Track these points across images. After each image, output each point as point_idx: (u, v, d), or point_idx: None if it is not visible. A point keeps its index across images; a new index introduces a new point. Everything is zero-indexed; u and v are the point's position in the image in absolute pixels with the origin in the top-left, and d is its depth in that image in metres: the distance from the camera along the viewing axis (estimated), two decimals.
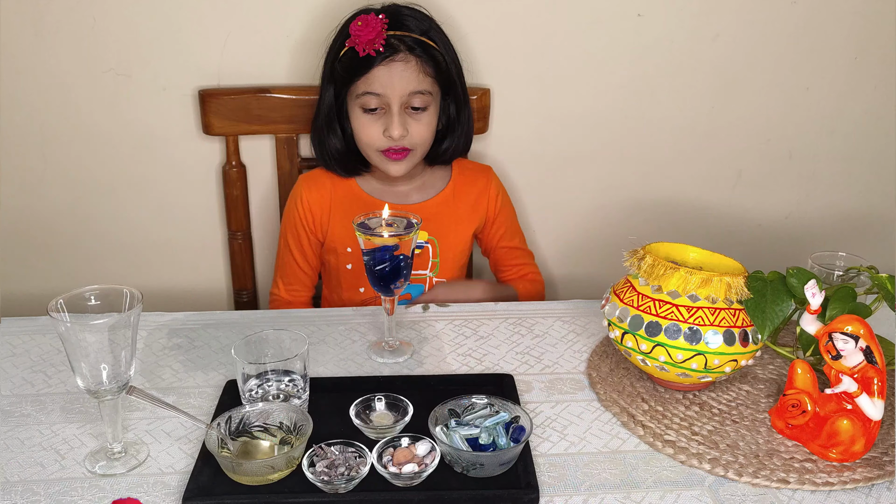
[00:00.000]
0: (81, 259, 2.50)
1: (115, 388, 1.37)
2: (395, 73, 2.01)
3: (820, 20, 2.43)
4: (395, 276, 1.68)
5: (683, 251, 1.68)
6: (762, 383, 1.66)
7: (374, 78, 2.01)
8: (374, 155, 2.11)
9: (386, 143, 2.06)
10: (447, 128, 2.19)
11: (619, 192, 2.59)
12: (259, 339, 1.55)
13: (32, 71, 2.28)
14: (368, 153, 2.12)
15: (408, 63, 2.01)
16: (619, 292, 1.62)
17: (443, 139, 2.19)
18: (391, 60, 2.00)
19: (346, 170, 2.19)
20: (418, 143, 2.09)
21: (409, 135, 2.06)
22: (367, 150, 2.11)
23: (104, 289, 1.37)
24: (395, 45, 2.00)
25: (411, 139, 2.07)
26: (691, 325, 1.50)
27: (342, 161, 2.17)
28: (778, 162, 2.60)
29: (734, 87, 2.49)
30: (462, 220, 2.25)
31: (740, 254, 1.75)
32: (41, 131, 2.35)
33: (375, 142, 2.07)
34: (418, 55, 2.02)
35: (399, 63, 2.01)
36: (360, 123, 2.08)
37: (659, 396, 1.61)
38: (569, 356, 1.77)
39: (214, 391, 1.63)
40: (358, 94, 2.05)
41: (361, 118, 2.07)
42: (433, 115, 2.11)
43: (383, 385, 1.60)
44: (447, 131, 2.19)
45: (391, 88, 2.01)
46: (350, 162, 2.18)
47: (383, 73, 2.01)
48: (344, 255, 2.20)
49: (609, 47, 2.40)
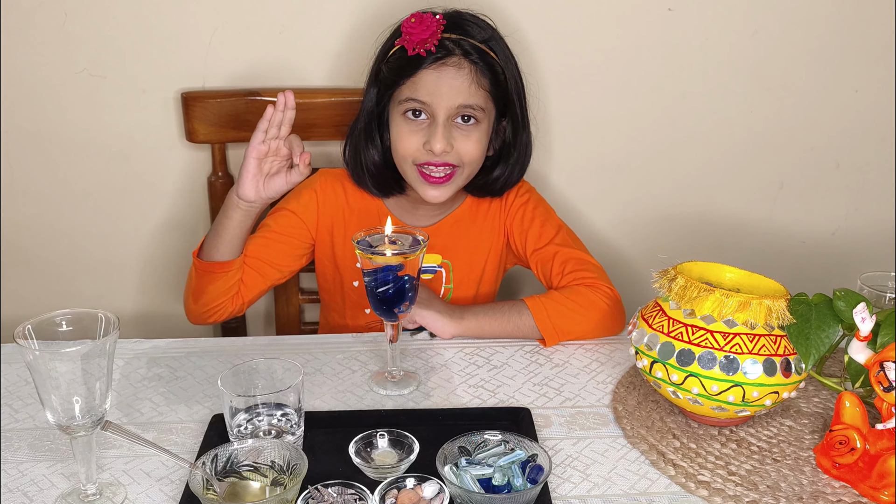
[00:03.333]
0: (51, 280, 2.51)
1: (89, 424, 1.37)
2: (445, 80, 1.96)
3: (869, 14, 2.43)
4: (399, 300, 1.69)
5: (719, 271, 1.69)
6: (806, 418, 1.66)
7: (422, 82, 1.97)
8: (411, 171, 2.03)
9: (425, 155, 1.99)
10: (500, 153, 2.13)
11: (647, 205, 2.59)
12: (249, 369, 1.56)
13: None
14: (404, 167, 2.05)
15: (461, 70, 1.96)
16: (647, 317, 1.63)
17: (494, 167, 2.12)
18: (442, 64, 1.96)
19: (379, 187, 2.13)
20: (464, 161, 2.02)
21: (454, 150, 2.00)
22: (403, 163, 2.04)
23: (77, 313, 1.38)
24: (449, 48, 1.96)
25: (456, 155, 2.00)
26: (728, 354, 1.50)
27: (377, 177, 2.11)
28: (824, 172, 2.60)
29: (775, 88, 2.49)
30: (481, 242, 2.21)
31: (782, 274, 1.75)
32: (5, 137, 2.36)
33: (414, 153, 2.00)
34: (474, 62, 1.97)
35: (451, 69, 1.96)
36: (399, 130, 2.02)
37: (692, 432, 1.61)
38: (592, 388, 1.78)
39: (199, 427, 1.63)
40: (401, 99, 2.00)
41: (401, 125, 2.01)
42: (484, 134, 2.03)
43: (386, 420, 1.61)
44: (500, 157, 2.13)
45: (438, 97, 1.96)
46: (385, 179, 2.12)
47: (432, 77, 1.96)
48: (350, 272, 2.18)
49: (635, 45, 2.41)
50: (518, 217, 2.19)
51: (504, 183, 2.14)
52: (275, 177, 1.92)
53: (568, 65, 2.41)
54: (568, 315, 1.97)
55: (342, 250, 2.16)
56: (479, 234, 2.20)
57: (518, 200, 2.20)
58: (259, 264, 2.05)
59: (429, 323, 1.95)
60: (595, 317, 1.99)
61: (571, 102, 2.45)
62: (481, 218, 2.21)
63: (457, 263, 2.19)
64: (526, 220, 2.18)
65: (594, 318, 1.98)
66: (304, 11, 2.29)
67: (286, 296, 2.48)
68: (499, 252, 2.23)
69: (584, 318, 1.98)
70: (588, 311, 1.98)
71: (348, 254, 2.16)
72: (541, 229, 2.16)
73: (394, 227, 1.73)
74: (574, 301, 1.98)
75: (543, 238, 2.15)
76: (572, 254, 2.11)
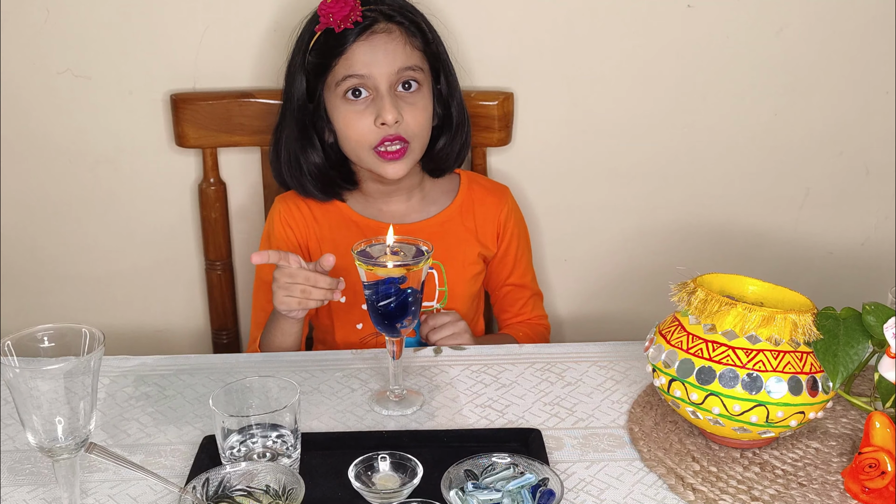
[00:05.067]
0: (32, 293, 2.52)
1: (73, 446, 1.37)
2: (379, 47, 2.01)
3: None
4: (402, 314, 1.69)
5: (741, 284, 1.69)
6: (834, 440, 1.66)
7: (355, 56, 2.01)
8: (368, 156, 2.07)
9: (379, 133, 2.03)
10: (442, 123, 2.18)
11: (665, 214, 2.59)
12: (242, 388, 1.56)
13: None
14: (360, 155, 2.09)
15: (390, 34, 2.02)
16: (665, 332, 1.63)
17: (439, 137, 2.18)
18: (371, 33, 2.01)
19: (324, 191, 2.17)
20: (415, 131, 2.07)
21: (404, 121, 2.04)
22: (359, 150, 2.08)
23: (59, 328, 1.38)
24: (371, 17, 2.01)
25: (407, 127, 2.05)
26: (750, 371, 1.50)
27: (321, 180, 2.15)
28: (853, 178, 2.60)
29: (801, 89, 2.49)
30: (470, 240, 2.25)
31: (808, 287, 1.75)
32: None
33: (367, 135, 2.04)
34: (399, 23, 2.03)
35: (381, 35, 2.01)
36: (345, 117, 2.06)
37: (712, 455, 1.61)
38: (606, 408, 1.78)
39: (189, 449, 1.64)
40: (338, 80, 2.04)
41: (346, 110, 2.05)
42: (427, 100, 2.10)
43: (388, 442, 1.61)
44: (442, 128, 2.18)
45: (376, 66, 2.01)
46: (330, 180, 2.15)
47: (364, 49, 2.01)
48: None
49: (653, 43, 2.42)
50: (511, 236, 2.31)
51: (454, 153, 2.21)
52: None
53: (580, 65, 2.41)
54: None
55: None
56: (468, 236, 2.25)
57: (509, 223, 2.31)
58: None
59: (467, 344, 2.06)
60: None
61: (584, 105, 2.45)
62: (470, 221, 2.25)
63: (449, 265, 2.22)
64: (511, 248, 2.32)
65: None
66: (301, 8, 2.29)
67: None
68: (485, 257, 2.30)
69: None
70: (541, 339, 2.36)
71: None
72: (526, 267, 2.38)
73: (396, 236, 1.73)
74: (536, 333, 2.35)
75: (524, 275, 2.37)
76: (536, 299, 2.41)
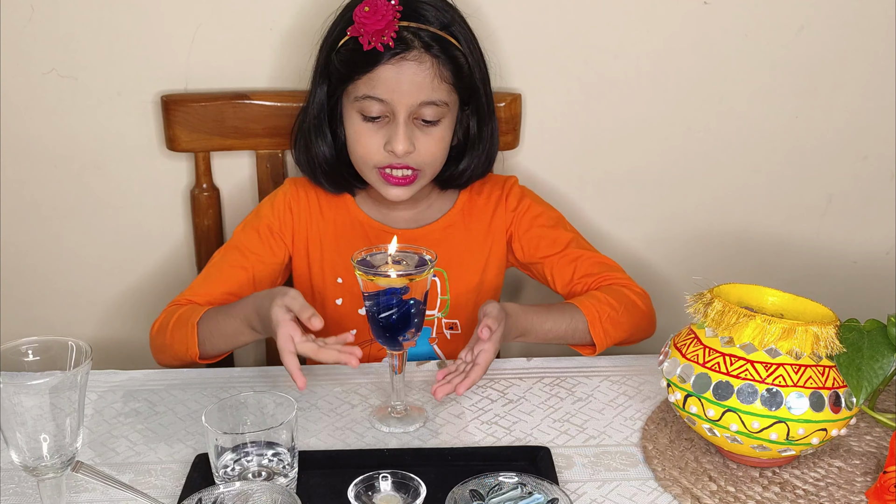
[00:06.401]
0: (16, 304, 2.52)
1: (59, 464, 1.38)
2: (406, 76, 1.98)
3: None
4: (405, 326, 1.69)
5: (760, 294, 1.69)
6: (857, 458, 1.67)
7: (379, 79, 1.98)
8: (371, 173, 2.07)
9: (386, 158, 2.03)
10: (465, 145, 2.16)
11: (680, 221, 2.60)
12: (236, 404, 1.56)
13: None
14: (363, 170, 2.09)
15: (421, 64, 1.98)
16: (680, 346, 1.63)
17: (459, 158, 2.16)
18: (402, 59, 1.98)
19: (334, 184, 2.17)
20: (427, 162, 2.06)
21: (417, 151, 2.03)
22: (363, 165, 2.08)
23: (44, 341, 1.39)
24: (407, 41, 1.98)
25: (418, 157, 2.04)
26: (770, 387, 1.51)
27: (331, 173, 2.15)
28: (877, 184, 2.60)
29: (823, 90, 2.49)
30: (476, 247, 2.22)
31: (830, 298, 1.76)
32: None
33: (373, 156, 2.04)
34: (435, 55, 2.00)
35: (411, 63, 1.98)
36: (356, 132, 2.05)
37: (730, 474, 1.62)
38: (619, 424, 1.78)
39: (181, 468, 1.64)
40: (357, 96, 2.02)
41: (358, 126, 2.04)
42: (447, 130, 2.08)
43: (389, 460, 1.62)
44: (465, 149, 2.16)
45: (399, 94, 1.98)
46: (340, 175, 2.15)
47: (391, 74, 1.98)
48: (333, 288, 2.19)
49: (668, 42, 2.42)
50: (525, 219, 2.23)
51: (470, 175, 2.18)
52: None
53: (591, 65, 2.42)
54: (616, 318, 2.02)
55: (319, 268, 2.19)
56: (474, 240, 2.22)
57: (522, 204, 2.23)
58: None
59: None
60: (636, 319, 2.07)
61: (595, 106, 2.45)
62: (475, 223, 2.23)
63: (452, 272, 2.20)
64: (535, 224, 2.22)
65: (635, 320, 2.07)
66: (297, 5, 2.29)
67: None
68: (498, 258, 2.25)
69: (628, 321, 2.05)
70: (630, 314, 2.06)
71: (326, 268, 2.18)
72: (554, 232, 2.21)
73: (399, 244, 1.73)
74: (618, 302, 2.04)
75: (560, 242, 2.20)
76: (595, 257, 2.20)
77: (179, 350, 1.96)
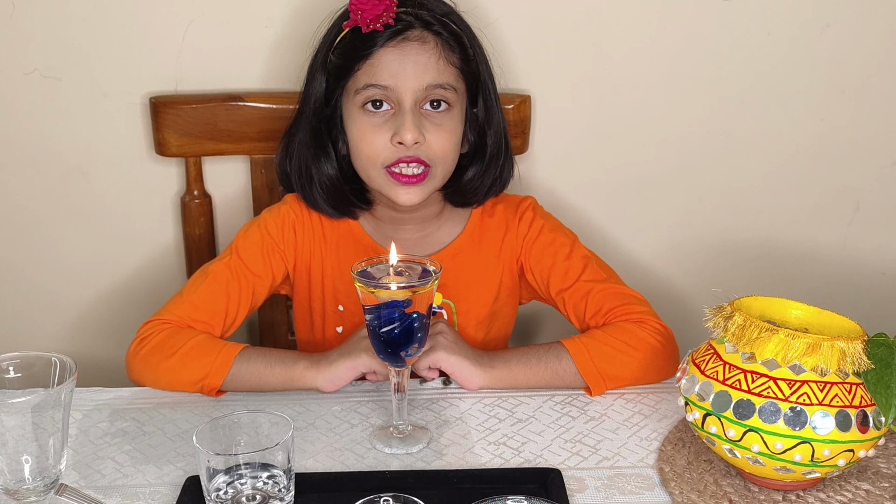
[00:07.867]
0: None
1: (41, 487, 1.38)
2: (409, 57, 1.95)
3: None
4: (407, 341, 1.69)
5: (783, 308, 1.69)
6: (886, 480, 1.67)
7: (381, 63, 1.95)
8: (379, 176, 2.02)
9: (394, 153, 1.97)
10: (475, 150, 2.12)
11: (698, 229, 2.60)
12: (229, 424, 1.56)
13: None
14: (371, 173, 2.03)
15: (425, 44, 1.96)
16: (699, 362, 1.63)
17: (469, 166, 2.11)
18: (403, 39, 1.95)
19: (336, 206, 2.12)
20: (437, 156, 2.00)
21: (426, 143, 1.98)
22: (370, 167, 2.02)
23: (26, 357, 1.39)
24: (407, 21, 1.96)
25: (428, 150, 1.99)
26: (794, 405, 1.51)
27: (333, 194, 2.10)
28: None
29: (850, 92, 2.49)
30: (486, 276, 2.19)
31: (858, 311, 1.76)
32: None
33: (381, 152, 1.98)
34: (437, 32, 1.97)
35: (413, 43, 1.96)
36: (360, 129, 2.00)
37: (752, 497, 1.62)
38: (633, 445, 1.78)
39: (171, 491, 1.64)
40: (358, 88, 1.98)
41: (363, 122, 2.00)
42: (457, 122, 2.03)
43: (391, 483, 1.62)
44: (474, 158, 2.12)
45: (402, 78, 1.95)
46: (343, 196, 2.10)
47: (392, 56, 1.95)
48: (333, 316, 2.18)
49: (685, 41, 2.42)
50: (536, 248, 2.16)
51: (480, 185, 2.12)
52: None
53: (604, 65, 2.43)
54: (614, 356, 1.95)
55: (319, 293, 2.17)
56: (484, 268, 2.18)
57: (533, 230, 2.17)
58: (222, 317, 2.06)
59: (455, 370, 1.93)
60: (645, 357, 1.97)
61: (609, 108, 2.46)
62: (486, 249, 2.18)
63: (461, 304, 2.17)
64: (546, 253, 2.15)
65: (644, 358, 1.97)
66: (296, 3, 2.29)
67: (273, 337, 2.49)
68: (510, 288, 2.21)
69: (633, 359, 1.96)
70: (636, 351, 1.96)
71: (327, 295, 2.17)
72: (566, 263, 2.13)
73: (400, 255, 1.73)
74: (620, 340, 1.97)
75: (571, 274, 2.12)
76: (610, 288, 2.09)
77: (188, 377, 1.93)
